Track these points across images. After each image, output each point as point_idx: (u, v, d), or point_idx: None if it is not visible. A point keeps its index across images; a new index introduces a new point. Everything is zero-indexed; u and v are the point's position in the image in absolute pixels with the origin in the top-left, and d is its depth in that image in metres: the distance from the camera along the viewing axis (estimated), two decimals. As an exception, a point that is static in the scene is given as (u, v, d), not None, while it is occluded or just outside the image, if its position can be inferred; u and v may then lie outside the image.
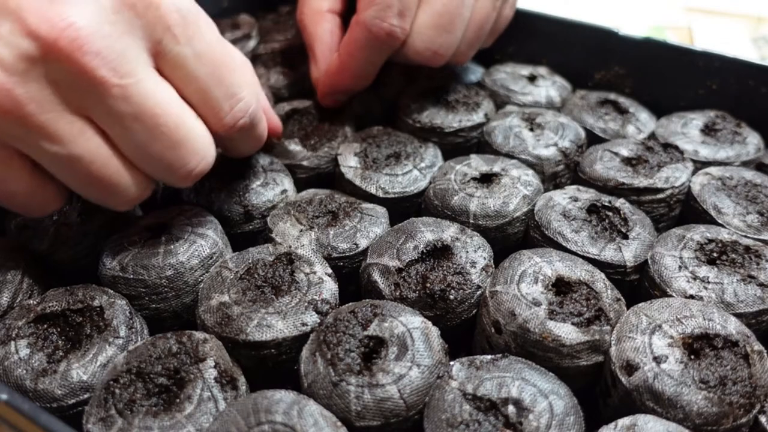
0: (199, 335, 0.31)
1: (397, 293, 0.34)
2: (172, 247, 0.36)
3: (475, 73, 0.55)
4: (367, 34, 0.41)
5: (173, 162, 0.31)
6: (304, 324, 0.32)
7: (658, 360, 0.30)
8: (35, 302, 0.34)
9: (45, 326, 0.33)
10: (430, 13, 0.41)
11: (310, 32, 0.47)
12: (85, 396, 0.30)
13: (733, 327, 0.31)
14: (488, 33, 0.47)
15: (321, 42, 0.46)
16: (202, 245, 0.36)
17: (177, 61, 0.31)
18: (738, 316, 0.33)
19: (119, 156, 0.31)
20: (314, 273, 0.35)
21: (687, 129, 0.47)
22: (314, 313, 0.33)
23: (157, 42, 0.30)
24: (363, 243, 0.38)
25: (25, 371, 0.31)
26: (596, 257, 0.36)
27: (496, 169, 0.42)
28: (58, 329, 0.33)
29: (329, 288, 0.34)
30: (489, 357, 0.30)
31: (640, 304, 0.33)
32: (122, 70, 0.28)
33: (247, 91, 0.34)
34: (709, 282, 0.34)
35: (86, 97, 0.29)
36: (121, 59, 0.28)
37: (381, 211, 0.40)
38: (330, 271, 0.35)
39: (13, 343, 0.32)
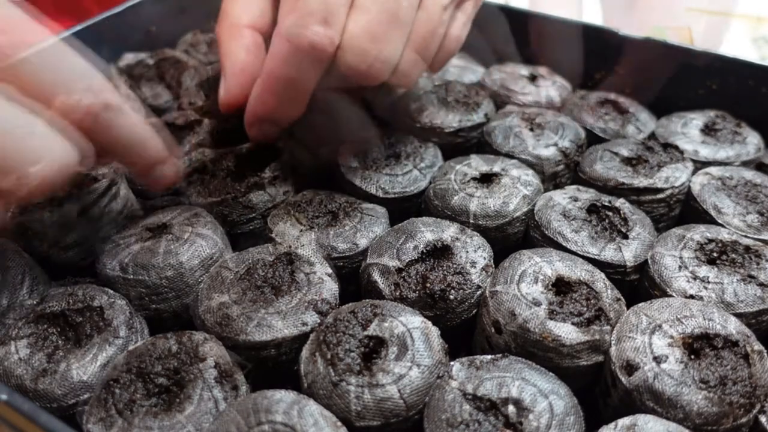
0: (199, 335, 0.31)
1: (397, 293, 0.34)
2: (172, 247, 0.36)
3: (475, 73, 0.55)
4: (288, 46, 0.35)
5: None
6: (304, 324, 0.32)
7: (658, 360, 0.30)
8: (35, 302, 0.34)
9: (45, 326, 0.33)
10: (362, 21, 0.35)
11: (223, 48, 0.40)
12: (85, 396, 0.30)
13: (733, 327, 0.31)
14: (434, 52, 0.40)
15: (233, 59, 0.40)
16: (202, 245, 0.36)
17: None
18: (738, 316, 0.32)
19: None
20: (314, 273, 0.35)
21: (687, 129, 0.47)
22: (314, 313, 0.33)
23: None
24: (363, 243, 0.38)
25: (25, 371, 0.31)
26: (596, 257, 0.36)
27: (496, 169, 0.42)
28: (58, 329, 0.33)
29: (329, 288, 0.34)
30: (489, 357, 0.30)
31: (640, 304, 0.33)
32: None
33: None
34: (709, 282, 0.34)
35: None
36: None
37: (381, 211, 0.40)
38: (330, 271, 0.35)
39: (13, 343, 0.32)
